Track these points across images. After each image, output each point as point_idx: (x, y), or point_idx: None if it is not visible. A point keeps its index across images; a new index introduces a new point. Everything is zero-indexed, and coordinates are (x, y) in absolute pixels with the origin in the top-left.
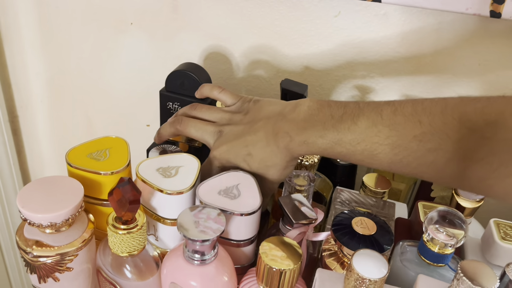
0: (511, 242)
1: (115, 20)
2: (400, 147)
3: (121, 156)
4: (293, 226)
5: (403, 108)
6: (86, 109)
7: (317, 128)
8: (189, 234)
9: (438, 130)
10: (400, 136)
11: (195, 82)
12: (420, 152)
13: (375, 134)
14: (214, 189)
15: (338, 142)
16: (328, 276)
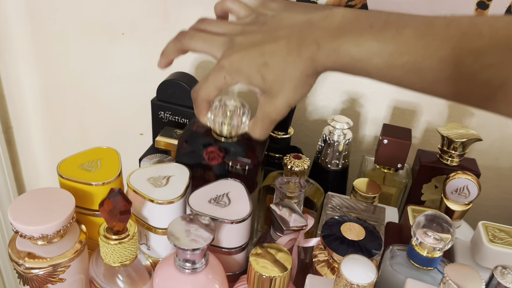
0: (499, 244)
1: (106, 31)
2: (451, 61)
3: (112, 167)
4: (284, 233)
5: (458, 21)
6: (80, 119)
7: (354, 36)
8: (179, 243)
9: (502, 43)
10: (454, 49)
11: (186, 91)
12: (475, 67)
13: (423, 47)
14: (204, 197)
15: (377, 53)
16: (318, 282)
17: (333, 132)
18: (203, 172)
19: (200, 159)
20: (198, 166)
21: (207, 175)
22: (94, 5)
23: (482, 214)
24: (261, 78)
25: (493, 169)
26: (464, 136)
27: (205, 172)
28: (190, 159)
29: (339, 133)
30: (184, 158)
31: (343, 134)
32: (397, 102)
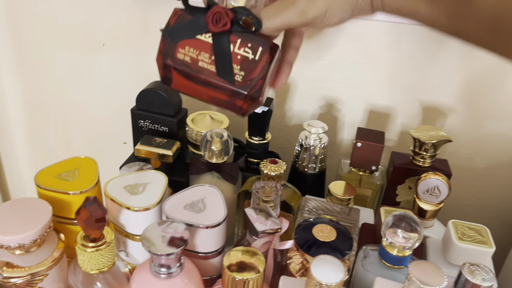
0: (468, 242)
1: (87, 42)
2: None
3: (90, 176)
4: (259, 236)
5: None
6: (64, 129)
7: None
8: (153, 249)
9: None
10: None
11: (165, 99)
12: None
13: None
14: (180, 203)
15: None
16: (291, 283)
17: (309, 136)
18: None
19: (198, 30)
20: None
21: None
22: (74, 16)
23: (459, 213)
24: None
25: (468, 169)
26: (434, 138)
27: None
28: (185, 32)
29: (314, 137)
30: (178, 32)
31: (318, 138)
32: (373, 106)
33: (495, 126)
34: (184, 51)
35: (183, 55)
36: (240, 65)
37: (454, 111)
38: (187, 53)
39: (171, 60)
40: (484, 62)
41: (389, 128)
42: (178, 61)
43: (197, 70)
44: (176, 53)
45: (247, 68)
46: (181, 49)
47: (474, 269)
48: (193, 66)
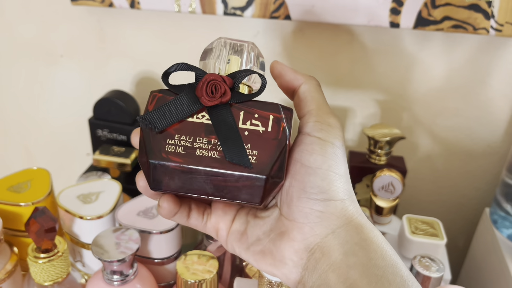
0: (420, 235)
1: (45, 53)
2: None
3: (43, 187)
4: (214, 240)
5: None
6: (25, 142)
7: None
8: (104, 256)
9: None
10: None
11: (122, 108)
12: None
13: None
14: (133, 210)
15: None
16: (244, 284)
17: None
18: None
19: (189, 108)
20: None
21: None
22: (30, 28)
23: (422, 210)
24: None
25: (427, 166)
26: (388, 135)
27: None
28: (171, 114)
29: None
30: (162, 116)
31: None
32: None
33: (448, 123)
34: (174, 141)
35: (174, 146)
36: (250, 143)
37: (409, 110)
38: (179, 142)
39: (159, 157)
40: (433, 62)
41: (349, 128)
42: (169, 155)
43: (195, 161)
44: (164, 146)
45: (259, 144)
46: (169, 140)
47: (424, 261)
48: (189, 158)
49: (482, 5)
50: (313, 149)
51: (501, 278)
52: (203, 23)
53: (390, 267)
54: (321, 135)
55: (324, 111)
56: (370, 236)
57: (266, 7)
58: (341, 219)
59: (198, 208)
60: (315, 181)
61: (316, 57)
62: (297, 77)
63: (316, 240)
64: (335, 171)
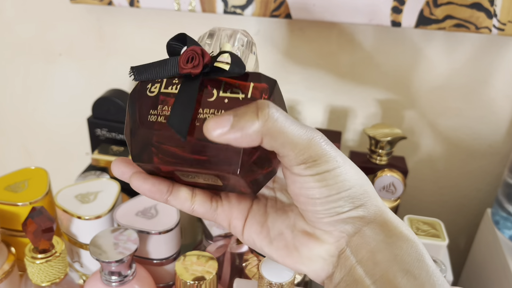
0: (422, 236)
1: (43, 52)
2: None
3: (40, 186)
4: (213, 240)
5: None
6: (24, 142)
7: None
8: (102, 257)
9: None
10: None
11: (121, 107)
12: None
13: None
14: (131, 210)
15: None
16: (244, 285)
17: None
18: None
19: (168, 70)
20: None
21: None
22: (29, 27)
23: (423, 210)
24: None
25: (428, 166)
26: (389, 135)
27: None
28: (153, 71)
29: None
30: (145, 69)
31: None
32: (332, 107)
33: (449, 123)
34: (157, 111)
35: (156, 116)
36: (229, 109)
37: (411, 109)
38: (161, 112)
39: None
40: (434, 61)
41: (350, 128)
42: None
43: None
44: (147, 116)
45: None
46: (152, 111)
47: None
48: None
49: (484, 4)
50: (311, 186)
51: (503, 279)
52: (203, 22)
53: (416, 262)
54: (311, 172)
55: (300, 149)
56: (396, 232)
57: (266, 6)
58: (365, 219)
59: (203, 193)
60: (329, 207)
61: (317, 56)
62: (251, 138)
63: (344, 241)
64: (345, 188)
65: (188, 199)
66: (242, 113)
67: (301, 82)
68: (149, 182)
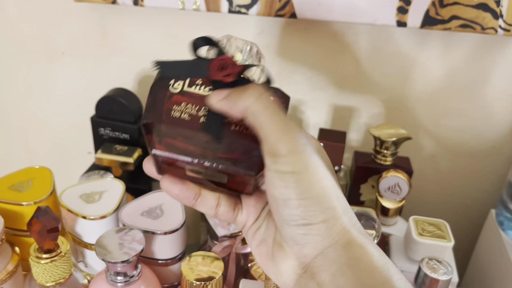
0: (427, 237)
1: (46, 51)
2: None
3: (45, 186)
4: (219, 241)
5: None
6: (26, 140)
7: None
8: (108, 257)
9: None
10: None
11: (125, 106)
12: None
13: None
14: (137, 210)
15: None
16: (250, 286)
17: None
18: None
19: (197, 73)
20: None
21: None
22: (31, 25)
23: (426, 211)
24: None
25: (431, 167)
26: (394, 135)
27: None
28: (181, 68)
29: None
30: (173, 66)
31: None
32: (336, 107)
33: (453, 123)
34: (181, 107)
35: (180, 112)
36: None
37: (414, 110)
38: (184, 109)
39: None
40: (438, 62)
41: (353, 128)
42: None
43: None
44: (171, 111)
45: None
46: (176, 106)
47: (432, 263)
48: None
49: (490, 5)
50: (274, 184)
51: (507, 280)
52: (208, 21)
53: (379, 285)
54: (275, 168)
55: (274, 139)
56: (359, 253)
57: (271, 5)
58: (328, 239)
59: (228, 201)
60: (290, 210)
61: (321, 56)
62: (237, 107)
63: (306, 260)
64: (306, 196)
65: (213, 207)
66: (238, 90)
67: (305, 81)
68: (178, 187)
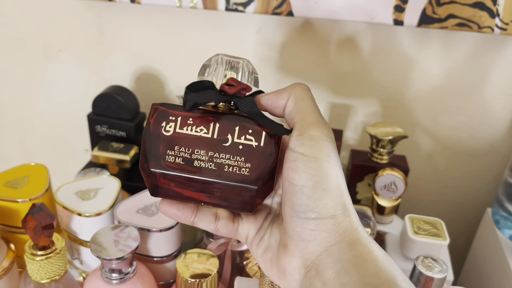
0: (422, 235)
1: (43, 48)
2: None
3: (40, 183)
4: (214, 238)
5: None
6: (23, 137)
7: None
8: (102, 254)
9: None
10: None
11: (121, 103)
12: None
13: None
14: (132, 208)
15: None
16: (245, 283)
17: None
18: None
19: (213, 97)
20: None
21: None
22: (28, 23)
23: (422, 209)
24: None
25: (428, 165)
26: (390, 134)
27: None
28: (201, 96)
29: None
30: (194, 97)
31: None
32: (333, 105)
33: (450, 122)
34: (174, 152)
35: (174, 157)
36: (244, 156)
37: (411, 108)
38: (178, 154)
39: (160, 166)
40: (435, 60)
41: (350, 126)
42: (169, 164)
43: (193, 172)
44: (165, 157)
45: (252, 158)
46: (169, 151)
47: (428, 261)
48: (188, 168)
49: (487, 3)
50: (296, 166)
51: (503, 279)
52: (204, 19)
53: (384, 285)
54: (303, 150)
55: (308, 122)
56: (364, 252)
57: (268, 3)
58: (334, 236)
59: (226, 216)
60: (302, 199)
61: (318, 54)
62: (281, 96)
63: (311, 258)
64: (323, 186)
65: (212, 222)
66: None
67: (302, 80)
68: (174, 207)
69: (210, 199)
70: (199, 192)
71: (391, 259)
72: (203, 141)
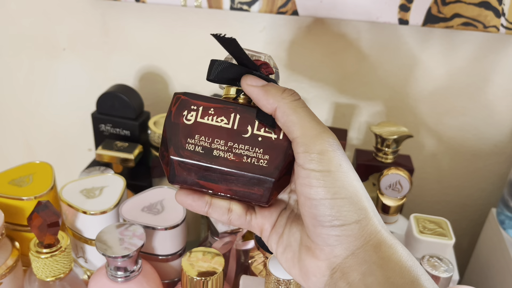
0: (428, 234)
1: (47, 47)
2: None
3: (45, 181)
4: (219, 237)
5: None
6: (26, 137)
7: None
8: (108, 252)
9: None
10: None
11: (126, 102)
12: None
13: None
14: (137, 206)
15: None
16: (251, 282)
17: None
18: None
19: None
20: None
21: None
22: (33, 21)
23: (426, 209)
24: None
25: (432, 165)
26: (395, 133)
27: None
28: (229, 72)
29: None
30: (221, 73)
31: None
32: (337, 105)
33: (454, 122)
34: (194, 141)
35: (194, 145)
36: (263, 148)
37: (416, 108)
38: (198, 142)
39: (179, 154)
40: (440, 60)
41: (355, 126)
42: (189, 153)
43: (212, 161)
44: (185, 145)
45: (271, 150)
46: (189, 139)
47: (433, 261)
48: (207, 157)
49: (492, 3)
50: (310, 182)
51: (508, 279)
52: (209, 18)
53: (408, 284)
54: (313, 167)
55: (309, 137)
56: (389, 253)
57: (273, 2)
58: (360, 239)
59: (240, 207)
60: (324, 210)
61: (323, 54)
62: (268, 101)
63: (337, 261)
64: (341, 196)
65: (225, 212)
66: (273, 85)
67: (306, 79)
68: (190, 197)
69: (226, 189)
70: (216, 182)
71: (415, 258)
72: (223, 131)
